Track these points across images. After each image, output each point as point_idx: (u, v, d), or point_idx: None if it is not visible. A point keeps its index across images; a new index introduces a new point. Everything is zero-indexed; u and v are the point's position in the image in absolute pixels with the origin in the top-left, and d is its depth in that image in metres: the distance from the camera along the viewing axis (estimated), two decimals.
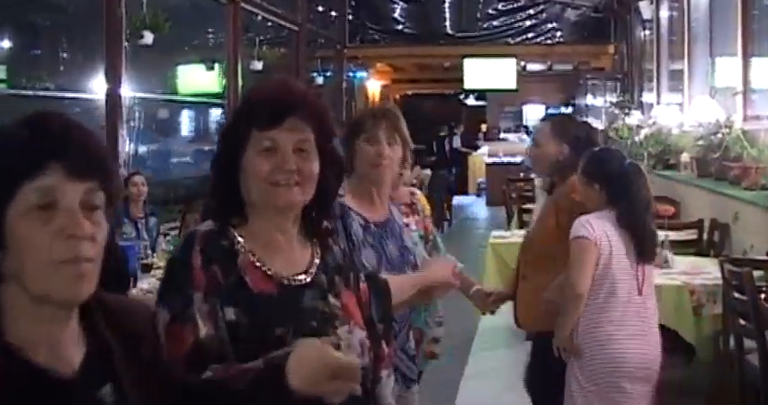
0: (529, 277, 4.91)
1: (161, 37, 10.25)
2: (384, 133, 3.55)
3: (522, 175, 17.08)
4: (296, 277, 2.31)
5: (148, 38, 9.78)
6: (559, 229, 4.81)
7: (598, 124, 20.62)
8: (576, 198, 4.84)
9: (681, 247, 7.46)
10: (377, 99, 25.34)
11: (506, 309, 8.62)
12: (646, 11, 15.55)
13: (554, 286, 4.66)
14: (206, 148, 17.27)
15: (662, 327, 6.07)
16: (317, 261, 2.37)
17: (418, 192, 4.49)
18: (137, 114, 12.51)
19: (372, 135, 3.55)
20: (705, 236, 8.27)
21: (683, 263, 6.88)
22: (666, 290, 6.17)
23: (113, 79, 8.66)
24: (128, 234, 8.11)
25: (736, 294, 5.58)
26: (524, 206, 11.81)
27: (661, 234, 7.05)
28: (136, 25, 9.60)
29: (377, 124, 3.56)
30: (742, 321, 5.55)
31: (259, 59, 14.93)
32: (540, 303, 4.76)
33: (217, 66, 13.67)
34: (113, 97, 8.57)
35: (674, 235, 7.56)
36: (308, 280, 2.32)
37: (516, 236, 8.91)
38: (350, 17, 20.72)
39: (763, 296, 5.34)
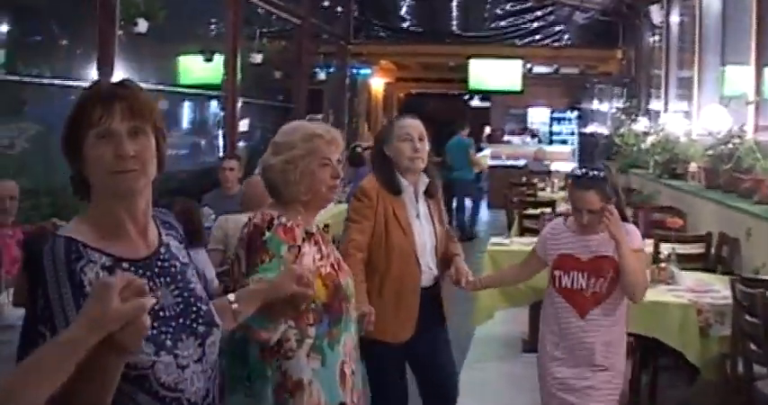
0: (442, 275, 5.19)
1: (157, 26, 9.96)
2: (122, 123, 2.29)
3: (524, 179, 16.74)
4: None
5: (142, 26, 9.49)
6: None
7: (603, 130, 20.46)
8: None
9: (686, 262, 7.10)
10: (380, 97, 25.08)
11: (502, 319, 8.43)
12: (656, 16, 15.30)
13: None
14: (203, 140, 16.98)
15: (665, 347, 5.82)
16: None
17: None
18: None
19: (106, 128, 2.29)
20: (713, 250, 7.93)
21: (688, 278, 6.51)
22: (672, 307, 5.85)
23: (105, 67, 8.39)
24: None
25: (748, 317, 5.27)
26: (526, 212, 11.51)
27: (668, 247, 6.76)
28: (130, 12, 9.30)
29: (109, 111, 2.29)
30: (752, 346, 5.23)
31: (259, 52, 14.64)
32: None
33: (216, 57, 13.38)
34: None
35: (680, 248, 7.23)
36: None
37: (516, 244, 8.61)
38: (355, 13, 20.47)
39: None
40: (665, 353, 6.11)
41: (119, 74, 8.69)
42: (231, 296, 2.76)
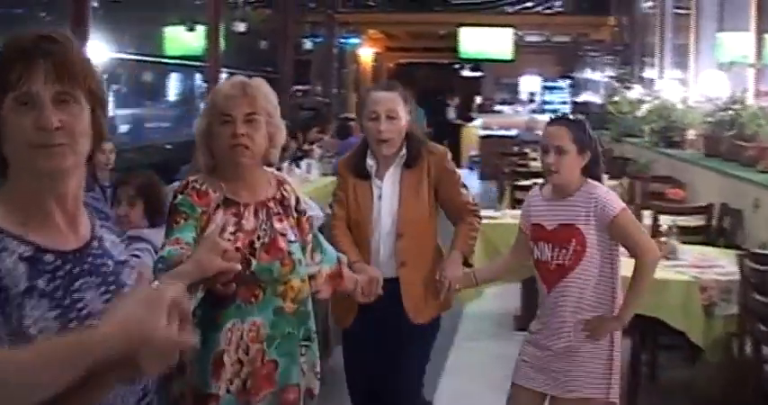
0: (410, 263, 4.52)
1: None
2: (46, 86, 1.83)
3: (516, 149, 16.43)
4: None
5: None
6: (431, 205, 4.58)
7: (596, 98, 20.14)
8: (449, 167, 4.63)
9: (686, 235, 6.72)
10: (369, 67, 24.72)
11: (493, 296, 8.11)
12: None
13: None
14: (188, 113, 16.67)
15: (666, 325, 5.47)
16: None
17: (283, 177, 3.54)
18: (107, 75, 11.85)
19: (25, 92, 1.83)
20: (714, 222, 7.58)
21: (690, 253, 6.14)
22: (674, 285, 5.47)
23: (78, 37, 8.02)
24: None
25: (757, 295, 4.94)
26: (516, 182, 11.17)
27: (667, 219, 6.42)
28: None
29: (30, 71, 1.82)
30: (761, 326, 4.91)
31: (243, 21, 14.30)
32: (428, 292, 4.53)
33: (199, 27, 13.04)
34: None
35: (679, 220, 6.88)
36: None
37: (508, 216, 8.27)
38: None
39: None
40: (666, 331, 5.76)
41: (93, 45, 8.37)
42: (155, 284, 2.24)
